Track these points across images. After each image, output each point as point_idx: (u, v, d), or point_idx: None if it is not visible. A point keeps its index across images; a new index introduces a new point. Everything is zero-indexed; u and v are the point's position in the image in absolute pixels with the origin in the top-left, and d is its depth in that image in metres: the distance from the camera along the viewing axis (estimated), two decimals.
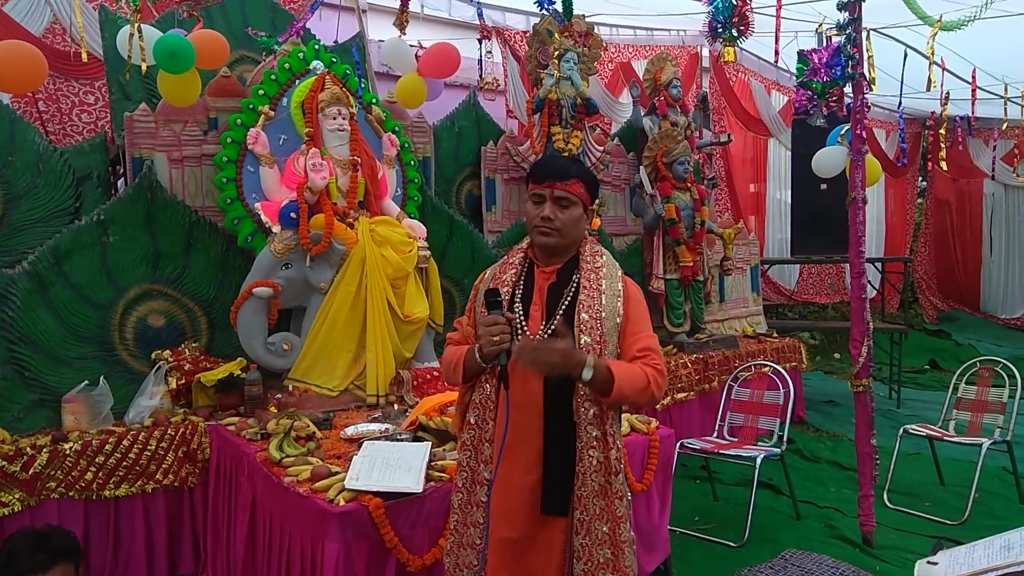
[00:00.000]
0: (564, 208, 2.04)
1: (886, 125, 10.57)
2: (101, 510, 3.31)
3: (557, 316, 2.02)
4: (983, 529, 3.98)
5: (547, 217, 2.02)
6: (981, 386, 4.84)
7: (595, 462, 1.97)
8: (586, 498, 1.97)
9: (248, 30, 4.84)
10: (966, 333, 10.69)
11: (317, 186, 3.77)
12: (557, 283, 2.07)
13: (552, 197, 2.03)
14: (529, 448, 2.00)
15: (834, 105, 3.89)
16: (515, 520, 2.01)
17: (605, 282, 2.06)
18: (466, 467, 2.08)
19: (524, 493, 2.01)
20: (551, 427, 1.99)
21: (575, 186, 2.03)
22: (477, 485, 2.05)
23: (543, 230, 2.04)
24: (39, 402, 3.48)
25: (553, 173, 2.04)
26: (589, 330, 1.98)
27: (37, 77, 3.38)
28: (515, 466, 2.01)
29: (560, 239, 2.05)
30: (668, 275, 5.77)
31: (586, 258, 2.10)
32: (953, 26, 4.09)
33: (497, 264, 2.20)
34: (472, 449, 2.07)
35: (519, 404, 1.99)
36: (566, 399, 1.98)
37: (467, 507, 2.07)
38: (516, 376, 1.96)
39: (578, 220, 2.06)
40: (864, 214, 3.94)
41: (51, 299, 3.55)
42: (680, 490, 4.48)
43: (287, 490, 2.67)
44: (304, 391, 3.79)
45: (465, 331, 2.20)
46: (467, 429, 2.09)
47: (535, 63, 5.59)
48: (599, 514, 1.97)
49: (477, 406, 2.06)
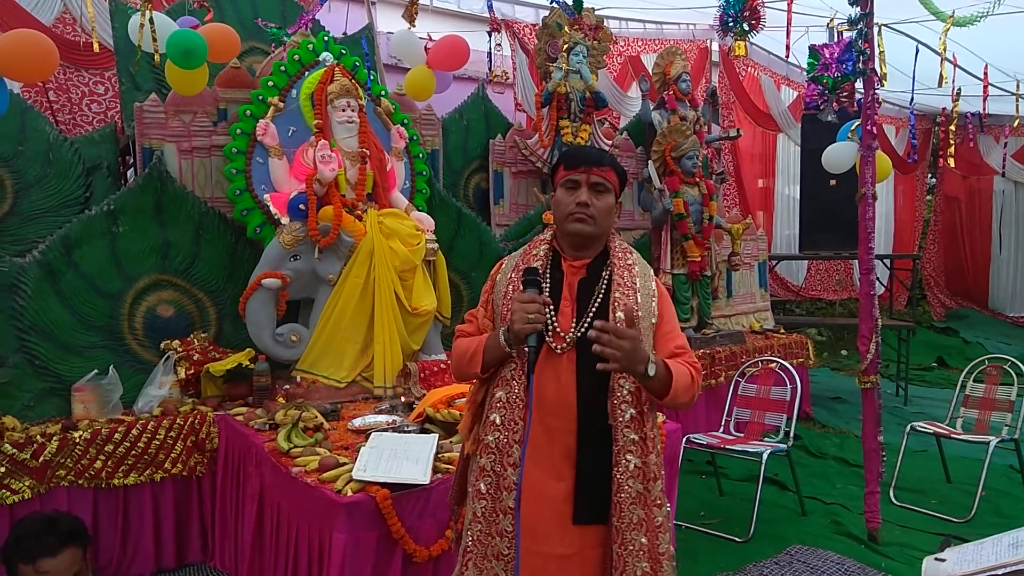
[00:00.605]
0: (600, 194, 1.94)
1: (896, 121, 10.52)
2: (110, 498, 3.33)
3: (590, 313, 1.89)
4: (990, 527, 3.98)
5: (584, 203, 1.91)
6: (989, 384, 4.82)
7: (632, 467, 1.84)
8: (623, 505, 1.83)
9: (258, 21, 4.85)
10: (974, 331, 10.64)
11: (326, 178, 3.77)
12: (587, 279, 1.95)
13: (588, 183, 1.93)
14: (561, 452, 1.87)
15: (845, 100, 3.87)
16: (547, 533, 1.87)
17: (639, 280, 1.94)
18: (490, 472, 1.90)
19: (555, 502, 1.86)
20: (584, 430, 1.87)
21: (609, 173, 1.95)
22: (504, 491, 1.87)
23: (579, 216, 1.91)
24: (49, 391, 3.50)
25: (589, 159, 1.96)
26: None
27: (48, 66, 3.39)
28: (545, 472, 1.87)
29: (595, 227, 1.93)
30: (675, 270, 5.76)
31: (616, 253, 1.98)
32: (965, 22, 4.06)
33: (517, 254, 2.06)
34: (497, 452, 1.89)
35: (550, 404, 1.87)
36: (600, 400, 1.86)
37: (493, 515, 1.90)
38: (548, 374, 1.87)
39: (611, 209, 1.97)
40: (874, 210, 3.92)
41: (61, 288, 3.57)
42: (686, 485, 4.49)
43: (295, 480, 2.68)
44: (312, 382, 3.81)
45: (481, 323, 2.04)
46: (491, 430, 1.91)
47: (544, 56, 5.58)
48: (637, 523, 1.84)
49: (504, 404, 1.89)
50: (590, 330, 1.78)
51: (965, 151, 10.41)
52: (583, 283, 1.94)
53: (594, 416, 1.87)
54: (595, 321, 1.80)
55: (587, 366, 1.83)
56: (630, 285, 1.92)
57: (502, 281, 2.02)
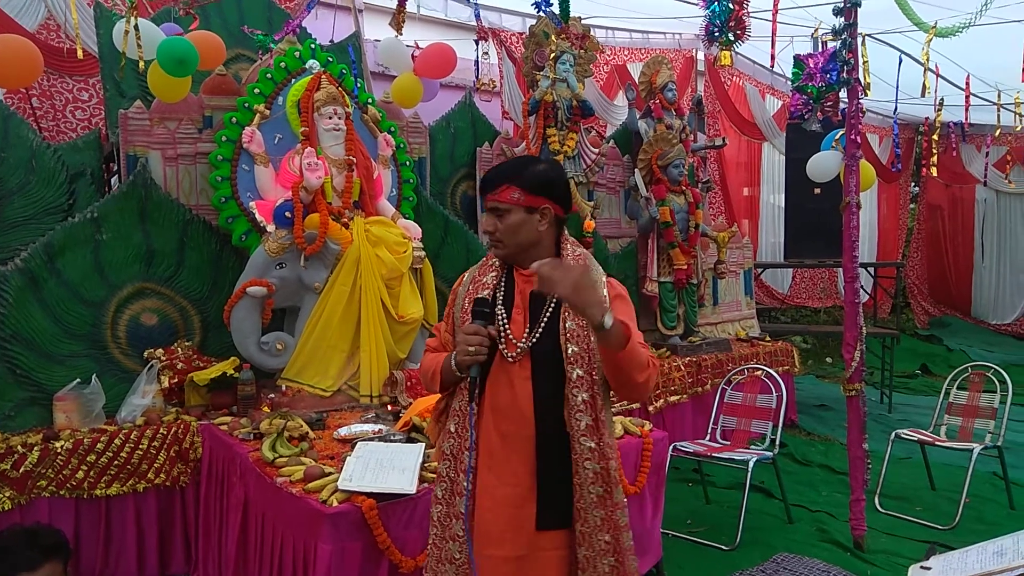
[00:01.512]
0: (500, 217, 1.95)
1: (880, 130, 10.62)
2: (92, 509, 3.29)
3: (541, 323, 1.93)
4: (973, 534, 4.01)
5: (487, 231, 1.98)
6: (972, 391, 4.86)
7: (591, 474, 1.87)
8: (585, 510, 1.88)
9: (244, 28, 4.83)
10: (958, 338, 10.74)
11: (312, 185, 3.76)
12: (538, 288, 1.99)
13: (488, 208, 1.98)
14: (518, 458, 1.91)
15: (829, 110, 3.90)
16: (500, 537, 1.91)
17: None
18: (445, 477, 1.98)
19: (510, 507, 1.90)
20: (542, 436, 1.90)
21: (504, 194, 1.93)
22: (457, 496, 1.94)
23: (491, 242, 1.99)
24: (30, 400, 3.46)
25: (486, 184, 1.99)
26: (576, 339, 1.88)
27: (32, 72, 3.36)
28: (501, 477, 1.92)
29: (505, 249, 1.97)
30: (662, 278, 5.78)
31: (568, 261, 2.00)
32: (948, 32, 4.12)
33: (476, 266, 2.11)
34: (452, 459, 1.97)
35: (504, 411, 1.92)
36: (557, 408, 1.90)
37: (447, 519, 1.97)
38: (502, 381, 1.91)
39: (519, 226, 1.94)
40: (858, 219, 3.95)
41: (43, 297, 3.53)
42: (672, 493, 4.49)
43: (280, 490, 2.66)
44: (297, 391, 3.78)
45: (443, 338, 2.10)
46: (447, 438, 1.99)
47: (531, 65, 5.59)
48: (600, 525, 1.88)
49: (457, 413, 1.97)
50: (543, 337, 1.89)
51: (948, 160, 10.52)
52: (535, 293, 1.93)
53: (551, 423, 1.91)
54: (539, 261, 1.77)
55: (542, 374, 1.91)
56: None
57: (461, 294, 2.07)
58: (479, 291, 2.00)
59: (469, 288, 2.05)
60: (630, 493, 3.23)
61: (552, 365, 1.90)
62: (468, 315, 1.96)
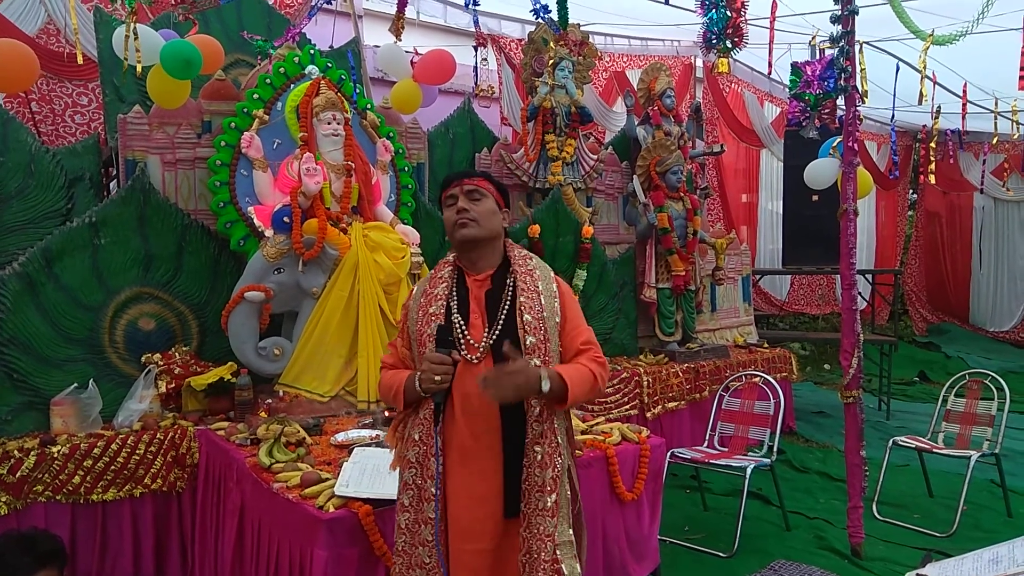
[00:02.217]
0: (476, 201, 2.08)
1: (877, 137, 10.65)
2: (88, 514, 3.28)
3: (499, 320, 2.03)
4: (971, 541, 4.00)
5: (463, 208, 2.06)
6: (970, 399, 4.86)
7: (540, 457, 1.98)
8: (530, 492, 1.98)
9: (244, 34, 4.84)
10: (956, 345, 10.75)
11: (310, 191, 3.76)
12: (492, 289, 2.09)
13: (463, 192, 2.08)
14: (490, 454, 2.00)
15: (826, 117, 3.91)
16: (481, 531, 2.00)
17: (541, 284, 2.09)
18: (412, 485, 2.04)
19: (486, 501, 2.00)
20: (509, 430, 2.00)
21: (481, 181, 2.11)
22: (425, 502, 2.01)
23: (461, 221, 2.06)
24: (27, 404, 3.45)
25: (459, 174, 2.14)
26: (533, 330, 2.01)
27: (29, 76, 3.36)
28: (478, 475, 2.00)
29: (479, 229, 2.07)
30: (660, 284, 5.79)
31: (517, 262, 2.12)
32: (945, 40, 4.13)
33: (424, 280, 2.20)
34: (418, 466, 2.03)
35: (474, 410, 2.00)
36: (521, 401, 2.00)
37: (415, 526, 2.03)
38: (468, 381, 1.98)
39: (493, 212, 2.10)
40: (855, 226, 3.95)
41: (41, 301, 3.52)
42: (670, 499, 4.49)
43: (276, 496, 2.65)
44: (295, 396, 3.78)
45: (400, 353, 2.18)
46: (411, 446, 2.05)
47: (530, 71, 5.61)
48: (542, 509, 1.96)
49: (422, 421, 2.03)
50: (502, 333, 2.00)
51: (945, 167, 10.55)
52: (489, 294, 2.08)
53: (514, 415, 2.00)
54: (480, 376, 1.92)
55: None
56: (533, 289, 2.07)
57: (414, 308, 2.14)
58: (432, 303, 2.08)
59: (420, 301, 2.12)
60: (627, 500, 3.24)
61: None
62: (425, 330, 2.04)
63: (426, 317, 2.07)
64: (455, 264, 2.16)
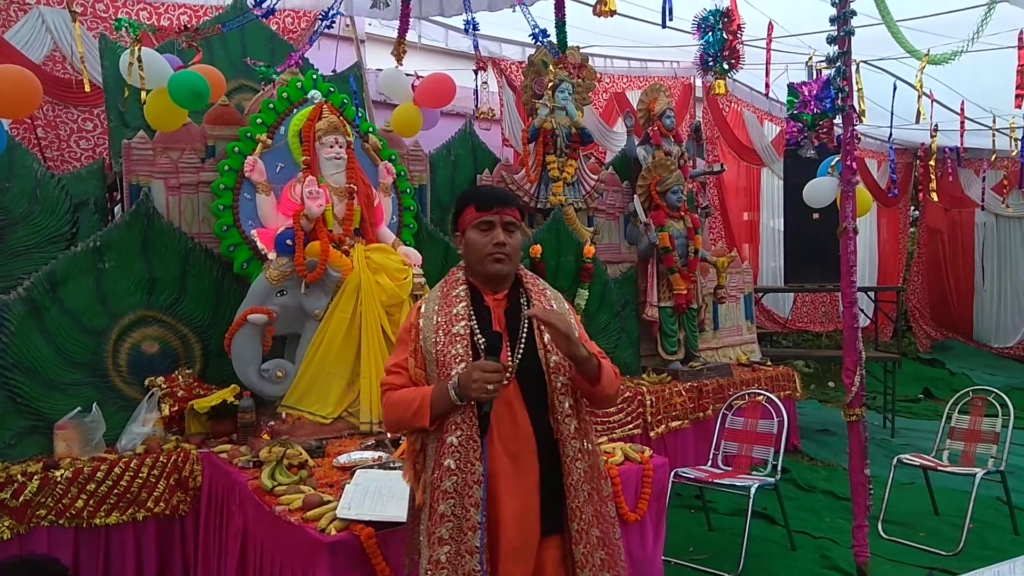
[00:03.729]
0: (511, 233, 2.06)
1: (878, 155, 10.68)
2: (91, 538, 3.28)
3: (521, 340, 2.03)
4: (978, 560, 3.97)
5: (501, 243, 2.03)
6: (974, 416, 4.84)
7: (582, 473, 2.00)
8: (579, 508, 1.98)
9: (247, 60, 4.90)
10: (960, 362, 10.71)
11: (313, 213, 3.79)
12: (510, 307, 2.08)
13: (502, 223, 2.05)
14: (527, 474, 1.99)
15: (824, 137, 3.93)
16: (521, 552, 1.96)
17: (555, 303, 2.11)
18: (451, 516, 1.92)
19: (525, 522, 1.98)
20: (543, 448, 2.00)
21: (516, 212, 2.09)
22: (469, 532, 1.91)
23: (498, 256, 2.02)
24: (31, 428, 3.46)
25: (501, 199, 2.08)
26: (555, 349, 2.01)
27: (32, 102, 3.38)
28: (519, 499, 1.97)
29: (511, 266, 2.07)
30: (662, 303, 5.79)
31: (528, 282, 2.14)
32: (941, 60, 4.15)
33: (433, 300, 2.10)
34: (456, 495, 1.92)
35: (510, 433, 1.98)
36: (546, 418, 2.01)
37: (458, 558, 1.91)
38: (501, 405, 1.95)
39: (519, 245, 2.13)
40: (855, 244, 3.96)
41: (45, 325, 3.55)
42: (674, 520, 4.46)
43: (278, 519, 2.65)
44: (297, 418, 3.78)
45: (413, 374, 2.06)
46: (447, 475, 1.93)
47: (530, 93, 5.66)
48: (592, 520, 2.01)
49: (457, 449, 1.93)
50: (524, 353, 2.01)
51: (946, 184, 10.58)
52: (508, 312, 2.08)
53: (547, 434, 2.01)
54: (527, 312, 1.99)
55: (529, 388, 2.01)
56: (548, 307, 2.08)
57: (428, 327, 2.04)
58: (454, 323, 2.01)
59: (438, 321, 2.03)
60: (631, 520, 3.22)
61: (535, 378, 2.02)
62: (450, 350, 1.97)
63: (449, 337, 1.99)
64: (467, 282, 2.11)
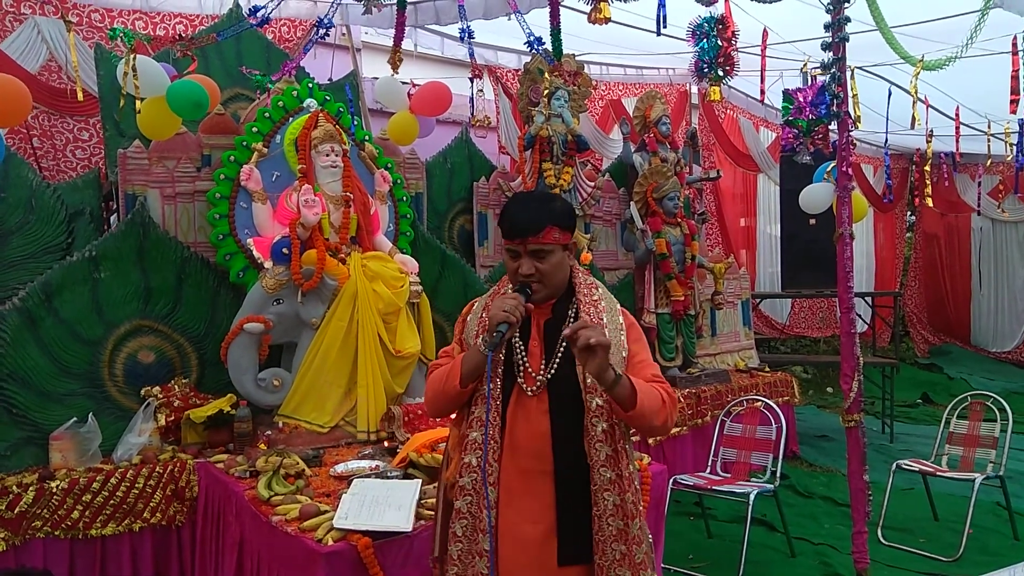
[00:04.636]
0: (542, 260, 1.92)
1: (874, 160, 10.71)
2: (87, 549, 3.26)
3: (558, 352, 1.91)
4: (978, 565, 3.96)
5: (527, 273, 1.91)
6: (973, 420, 4.84)
7: (611, 505, 1.85)
8: (604, 543, 1.85)
9: (242, 68, 4.91)
10: (958, 367, 10.71)
11: (309, 222, 3.79)
12: (553, 319, 1.96)
13: (527, 252, 1.92)
14: (539, 495, 1.88)
15: (820, 143, 3.94)
16: (524, 575, 1.89)
17: (606, 316, 1.95)
18: (467, 514, 1.92)
19: (533, 545, 1.88)
20: (561, 471, 1.88)
21: (548, 235, 1.90)
22: (480, 533, 1.89)
23: (522, 287, 1.93)
24: (26, 439, 3.44)
25: (524, 229, 1.91)
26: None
27: (22, 110, 3.36)
28: (523, 515, 1.88)
29: (545, 291, 1.94)
30: (659, 309, 5.79)
31: (582, 290, 1.99)
32: (935, 65, 4.16)
33: (487, 296, 2.09)
34: (474, 494, 1.91)
35: (523, 447, 1.89)
36: (576, 440, 1.87)
37: (468, 557, 1.91)
38: (520, 417, 1.90)
39: (559, 264, 1.95)
40: (851, 249, 3.96)
41: (41, 335, 3.53)
42: (674, 527, 4.45)
43: (275, 529, 2.64)
44: (294, 427, 3.77)
45: (456, 357, 2.06)
46: (467, 472, 1.92)
47: (526, 101, 5.67)
48: (619, 559, 1.85)
49: (479, 446, 1.90)
50: (560, 368, 1.88)
51: (942, 189, 10.61)
52: (549, 323, 1.96)
53: (570, 457, 1.88)
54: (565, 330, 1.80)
55: (560, 407, 1.88)
56: (597, 321, 1.92)
57: (472, 321, 2.05)
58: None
59: (480, 316, 2.02)
60: None
61: (570, 396, 1.88)
62: (486, 326, 1.93)
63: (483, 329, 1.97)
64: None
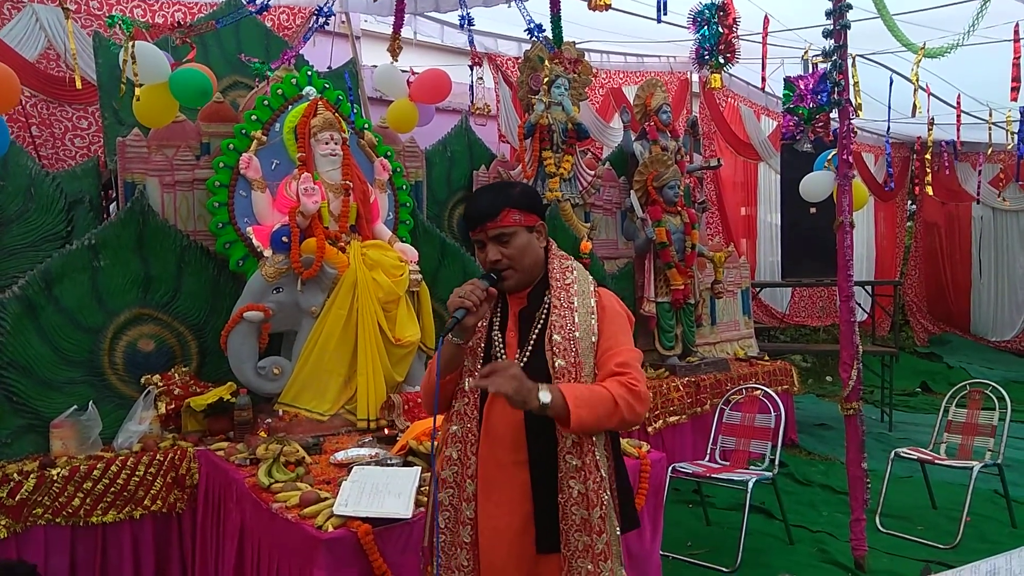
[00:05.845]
0: (505, 244, 1.93)
1: (875, 149, 10.68)
2: (88, 537, 3.27)
3: (530, 341, 1.93)
4: (975, 553, 3.98)
5: (494, 260, 1.93)
6: (971, 409, 4.85)
7: (576, 494, 1.85)
8: (568, 532, 1.85)
9: (241, 56, 4.89)
10: (957, 356, 10.73)
11: (309, 210, 3.78)
12: (528, 307, 1.99)
13: (489, 239, 1.94)
14: (514, 484, 1.90)
15: (820, 131, 3.93)
16: (503, 566, 1.90)
17: (577, 299, 1.94)
18: (448, 506, 1.97)
19: (510, 535, 1.90)
20: (536, 459, 1.89)
21: (507, 218, 1.92)
22: (461, 525, 1.94)
23: (492, 274, 1.95)
24: (27, 427, 3.45)
25: (480, 215, 1.94)
26: (563, 352, 1.87)
27: (11, 97, 3.35)
28: (500, 506, 1.91)
29: (518, 275, 1.96)
30: (659, 298, 5.80)
31: (555, 276, 1.99)
32: (936, 53, 4.15)
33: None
34: (455, 487, 1.97)
35: (500, 437, 1.91)
36: (549, 429, 1.87)
37: (451, 549, 1.96)
38: (497, 408, 1.90)
39: (526, 246, 1.95)
40: (852, 238, 3.97)
41: (41, 324, 3.53)
42: (672, 515, 4.47)
43: (276, 516, 2.65)
44: (294, 415, 3.78)
45: None
46: (448, 465, 1.97)
47: (526, 89, 5.65)
48: (583, 550, 1.84)
49: (458, 440, 1.96)
50: (532, 356, 1.90)
51: (943, 178, 10.58)
52: (524, 312, 1.99)
53: (543, 445, 1.89)
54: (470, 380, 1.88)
55: None
56: (567, 306, 1.93)
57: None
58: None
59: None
60: None
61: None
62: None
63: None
64: None
